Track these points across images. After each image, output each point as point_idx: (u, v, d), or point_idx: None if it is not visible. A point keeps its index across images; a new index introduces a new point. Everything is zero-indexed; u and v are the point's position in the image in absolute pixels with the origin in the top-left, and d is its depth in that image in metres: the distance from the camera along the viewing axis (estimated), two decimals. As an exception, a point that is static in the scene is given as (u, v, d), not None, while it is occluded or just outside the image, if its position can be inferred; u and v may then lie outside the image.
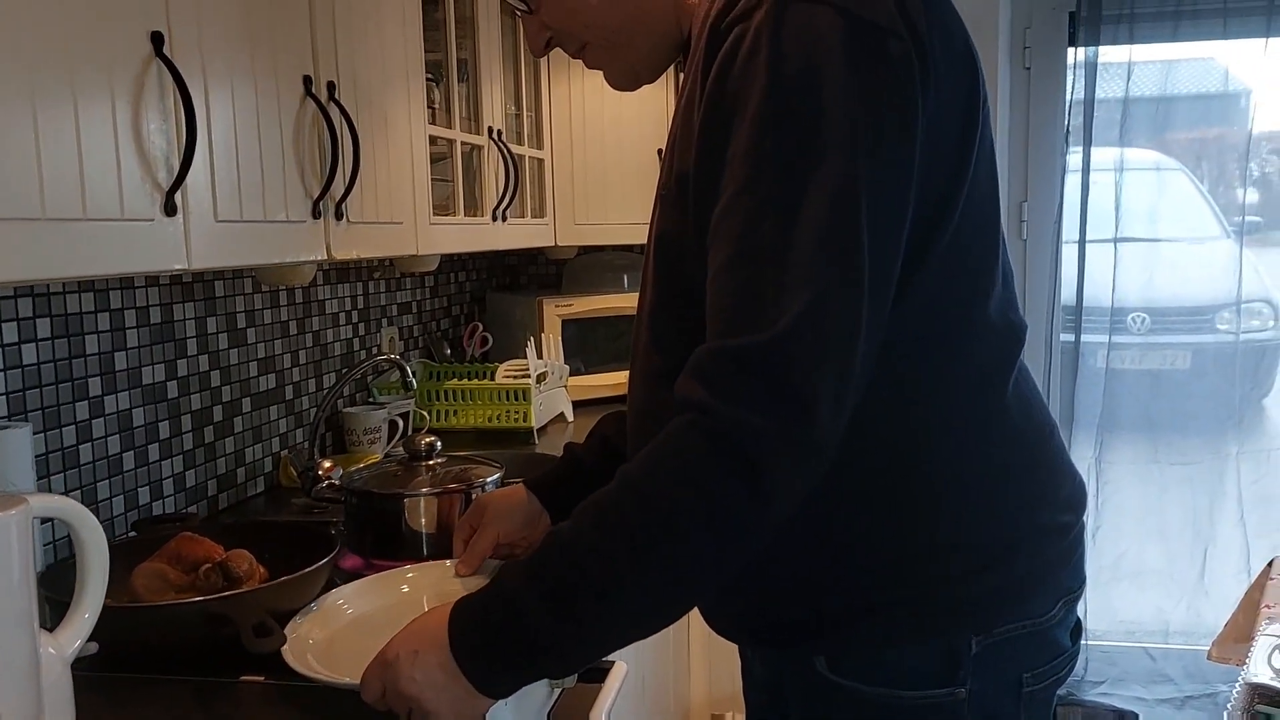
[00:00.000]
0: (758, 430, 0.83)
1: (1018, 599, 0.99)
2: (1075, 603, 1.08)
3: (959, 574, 0.97)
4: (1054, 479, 1.06)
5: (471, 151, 2.17)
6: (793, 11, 0.86)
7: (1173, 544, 3.20)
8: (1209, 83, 3.25)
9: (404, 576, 1.27)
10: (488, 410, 2.48)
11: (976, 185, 0.96)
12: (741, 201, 0.86)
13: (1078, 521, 1.08)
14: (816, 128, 0.84)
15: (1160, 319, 3.28)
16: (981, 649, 0.97)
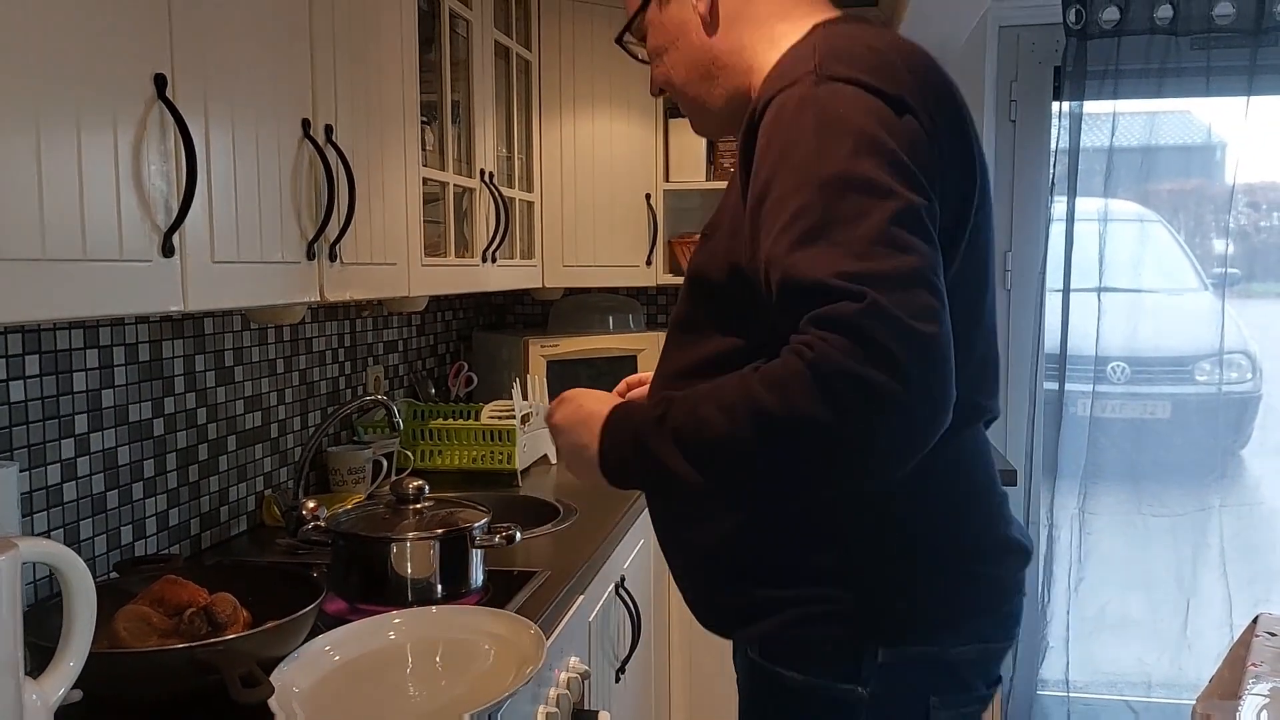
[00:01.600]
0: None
1: (927, 628, 1.12)
2: (996, 654, 1.19)
3: (877, 591, 1.11)
4: (985, 536, 1.16)
5: (464, 193, 2.18)
6: (827, 87, 1.02)
7: (1155, 595, 3.21)
8: (1190, 136, 3.31)
9: (391, 623, 1.25)
10: (472, 451, 2.47)
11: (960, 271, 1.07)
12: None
13: (1008, 578, 1.18)
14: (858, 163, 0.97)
15: (1141, 369, 3.31)
16: (888, 659, 1.12)
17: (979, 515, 1.16)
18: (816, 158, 0.98)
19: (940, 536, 1.12)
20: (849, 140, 0.99)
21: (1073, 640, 3.26)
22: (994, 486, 1.20)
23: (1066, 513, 3.25)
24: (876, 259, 0.93)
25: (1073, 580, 3.25)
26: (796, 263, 0.95)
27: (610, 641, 1.99)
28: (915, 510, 1.11)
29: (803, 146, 1.00)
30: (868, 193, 0.96)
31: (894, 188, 0.97)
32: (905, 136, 1.00)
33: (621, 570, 2.09)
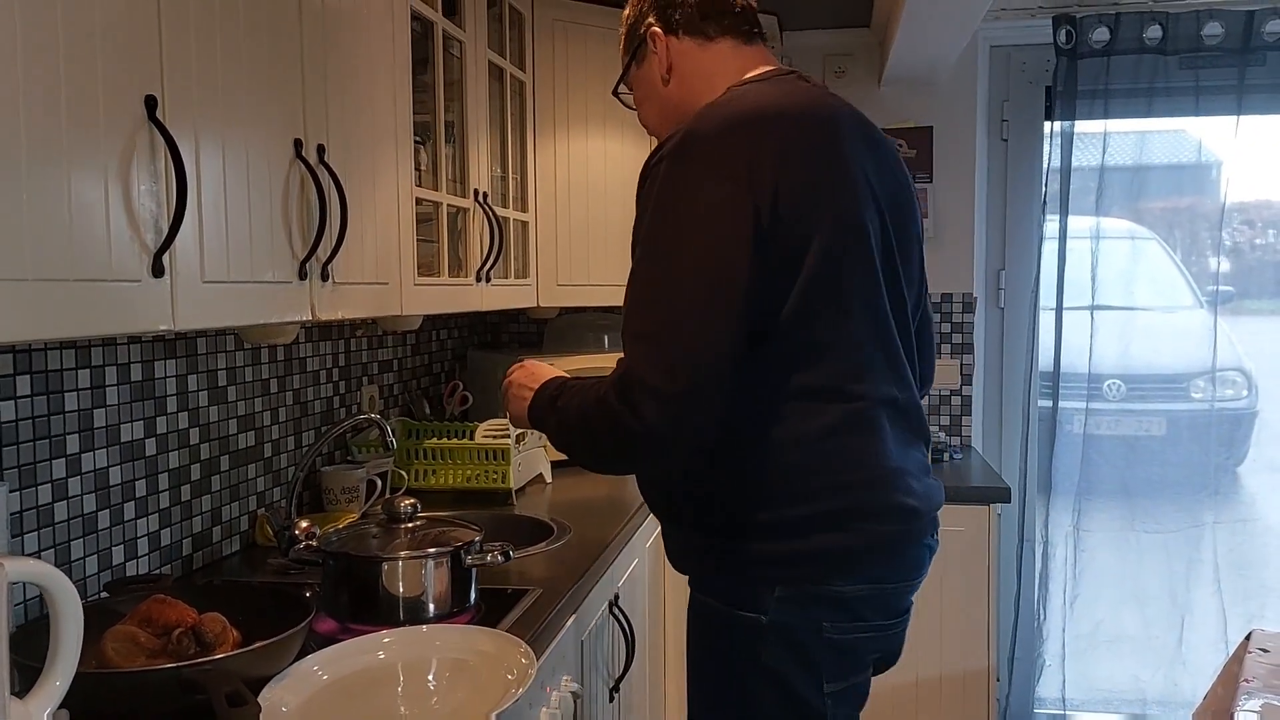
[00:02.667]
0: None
1: (816, 573, 1.40)
2: (895, 593, 1.47)
3: (774, 545, 1.40)
4: (871, 499, 1.41)
5: (457, 213, 2.19)
6: (673, 156, 1.38)
7: (1150, 612, 3.21)
8: (1182, 154, 3.33)
9: (380, 642, 1.25)
10: (466, 470, 2.47)
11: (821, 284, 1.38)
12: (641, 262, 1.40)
13: (899, 532, 1.44)
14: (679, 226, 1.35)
15: (1136, 386, 3.32)
16: (784, 594, 1.40)
17: (863, 481, 1.41)
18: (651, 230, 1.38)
19: (827, 500, 1.39)
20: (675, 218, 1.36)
21: (1068, 657, 3.25)
22: (884, 459, 1.42)
23: (1061, 530, 3.25)
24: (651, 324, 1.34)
25: (1068, 597, 3.25)
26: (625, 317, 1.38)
27: (604, 660, 1.98)
28: (807, 478, 1.39)
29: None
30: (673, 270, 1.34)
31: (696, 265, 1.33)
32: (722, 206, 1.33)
33: (615, 589, 2.09)
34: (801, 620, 1.41)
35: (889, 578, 1.45)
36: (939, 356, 3.30)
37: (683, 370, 1.29)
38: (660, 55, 1.55)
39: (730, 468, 1.41)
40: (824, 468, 1.39)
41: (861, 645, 1.45)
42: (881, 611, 1.46)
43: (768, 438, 1.38)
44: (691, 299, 1.30)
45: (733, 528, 1.42)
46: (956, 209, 3.28)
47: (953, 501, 2.70)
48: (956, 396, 3.31)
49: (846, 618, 1.42)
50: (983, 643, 2.70)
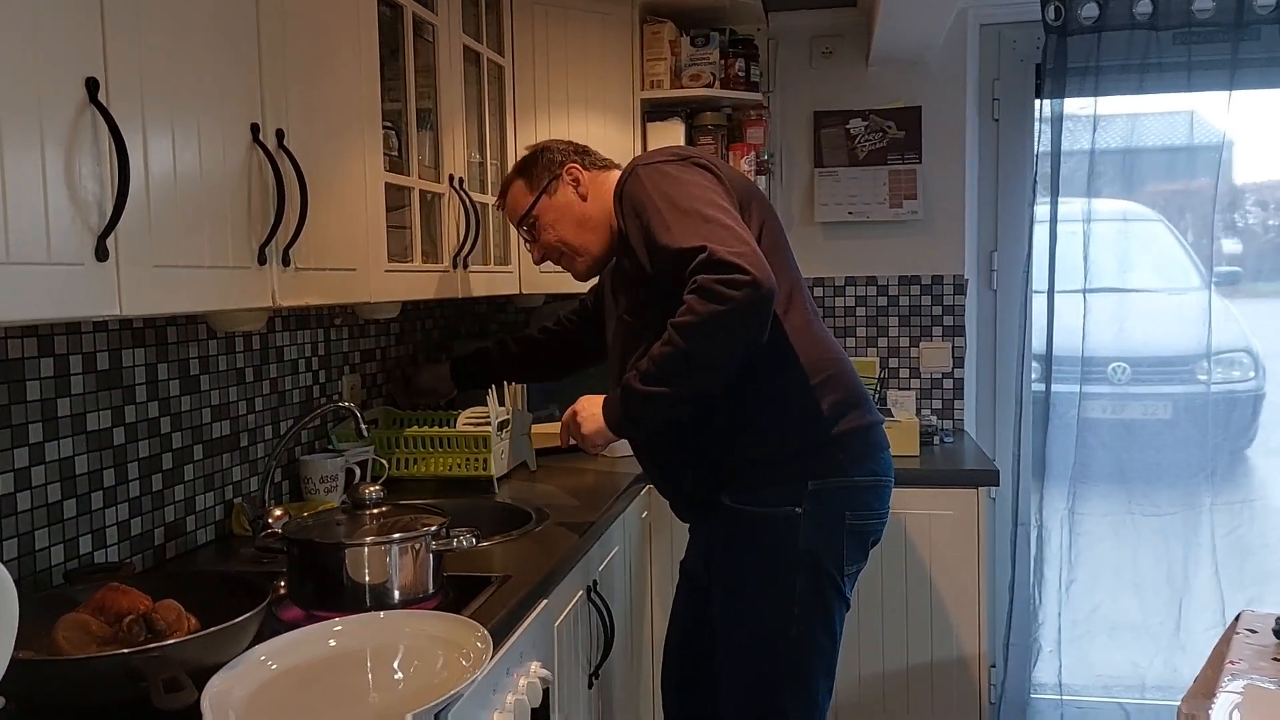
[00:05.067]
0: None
1: (836, 466, 1.85)
2: (885, 485, 1.93)
3: (800, 451, 1.85)
4: (856, 383, 1.94)
5: (432, 199, 2.17)
6: (645, 168, 1.87)
7: (1148, 596, 3.18)
8: (1187, 134, 3.28)
9: (331, 630, 1.24)
10: (449, 458, 2.46)
11: (763, 231, 1.90)
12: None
13: (878, 437, 1.93)
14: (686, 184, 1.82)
15: (1139, 369, 3.28)
16: (814, 488, 1.83)
17: (843, 366, 1.93)
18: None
19: (834, 391, 1.87)
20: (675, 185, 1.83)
21: (1065, 643, 3.23)
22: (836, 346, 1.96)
23: (1056, 514, 3.22)
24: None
25: (1064, 581, 3.22)
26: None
27: (581, 647, 1.97)
28: (815, 368, 1.87)
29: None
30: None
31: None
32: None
33: (594, 575, 2.08)
34: (829, 510, 1.83)
35: (881, 471, 1.91)
36: (929, 340, 3.28)
37: (745, 240, 1.68)
38: (582, 184, 2.03)
39: (759, 387, 1.82)
40: (821, 359, 1.86)
41: (869, 531, 1.91)
42: (879, 502, 1.91)
43: (782, 338, 1.83)
44: (720, 210, 1.75)
45: (767, 438, 1.83)
46: (947, 190, 3.25)
47: (940, 484, 2.68)
48: (949, 379, 3.28)
49: (860, 506, 1.86)
50: (974, 628, 2.67)
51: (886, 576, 2.69)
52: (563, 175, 2.02)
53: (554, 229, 2.04)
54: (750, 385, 1.82)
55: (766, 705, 1.85)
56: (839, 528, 1.84)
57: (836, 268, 3.33)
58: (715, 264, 1.64)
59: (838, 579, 1.86)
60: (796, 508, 1.82)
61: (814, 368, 1.86)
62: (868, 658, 2.73)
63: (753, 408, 1.85)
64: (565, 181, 2.02)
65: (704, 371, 1.72)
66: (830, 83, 3.28)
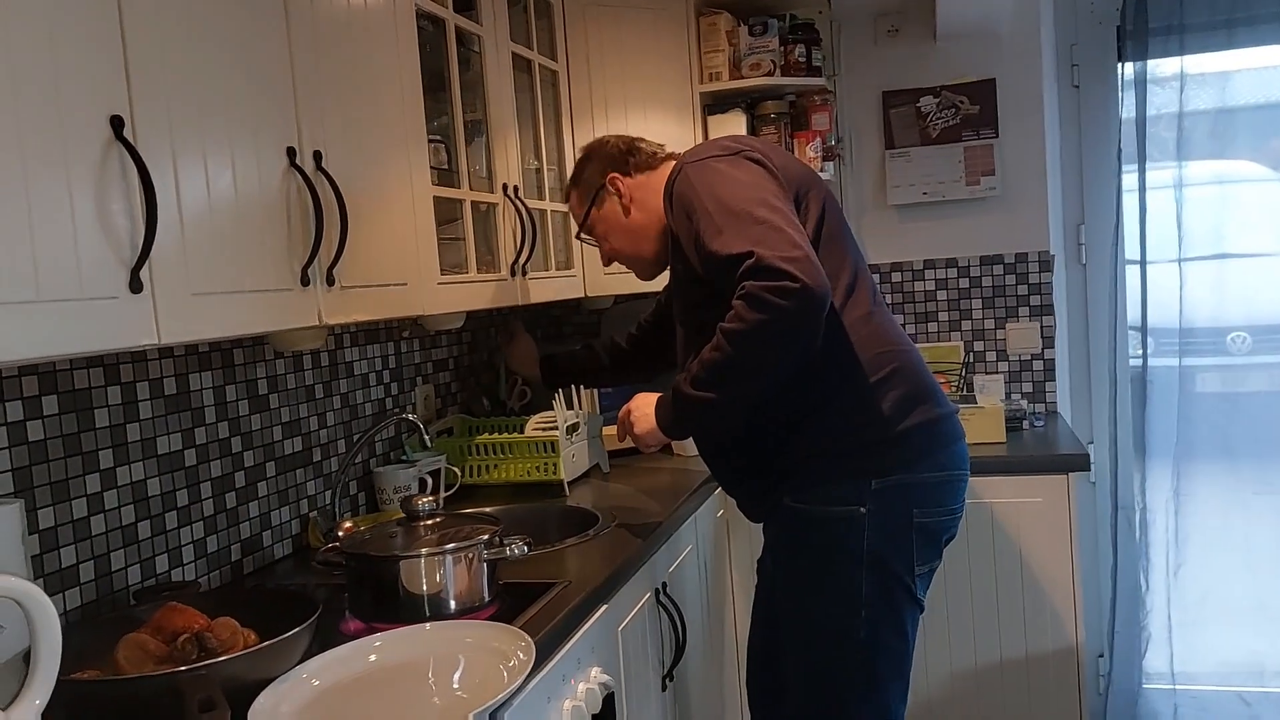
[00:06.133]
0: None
1: (900, 462, 1.78)
2: (957, 479, 1.86)
3: (861, 448, 1.79)
4: (924, 379, 1.86)
5: (487, 209, 2.18)
6: (693, 165, 1.84)
7: (1264, 579, 3.00)
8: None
9: (371, 645, 1.26)
10: (520, 464, 2.48)
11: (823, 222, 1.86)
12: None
13: (949, 430, 1.86)
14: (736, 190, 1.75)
15: (1256, 338, 3.10)
16: (878, 487, 1.77)
17: (909, 361, 1.85)
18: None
19: (898, 385, 1.80)
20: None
21: (1176, 629, 3.08)
22: (904, 338, 1.89)
23: (1161, 495, 3.07)
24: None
25: (1172, 566, 3.07)
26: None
27: (652, 650, 1.96)
28: (873, 395, 1.79)
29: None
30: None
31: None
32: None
33: (663, 577, 2.06)
34: (894, 509, 1.77)
35: (952, 465, 1.84)
36: (1015, 321, 3.16)
37: (797, 244, 1.62)
38: (625, 194, 2.01)
39: (815, 383, 1.78)
40: (883, 352, 1.80)
41: (941, 529, 1.84)
42: (951, 498, 1.84)
43: (840, 332, 1.78)
44: (771, 210, 1.68)
45: (826, 436, 1.79)
46: (1027, 164, 3.12)
47: (1027, 471, 2.58)
48: (1038, 361, 3.15)
49: (929, 503, 1.80)
50: (1070, 618, 2.57)
51: (974, 569, 2.60)
52: (607, 187, 2.03)
53: (607, 239, 2.08)
54: (806, 384, 1.77)
55: (834, 709, 1.80)
56: (906, 526, 1.78)
57: (914, 251, 3.24)
58: (764, 270, 1.60)
59: (906, 579, 1.80)
60: (860, 507, 1.76)
61: (874, 362, 1.80)
62: (958, 652, 2.65)
63: (809, 406, 1.80)
64: (609, 193, 2.04)
65: (751, 379, 1.69)
66: (898, 61, 3.19)
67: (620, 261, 2.11)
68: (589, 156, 2.10)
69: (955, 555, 2.54)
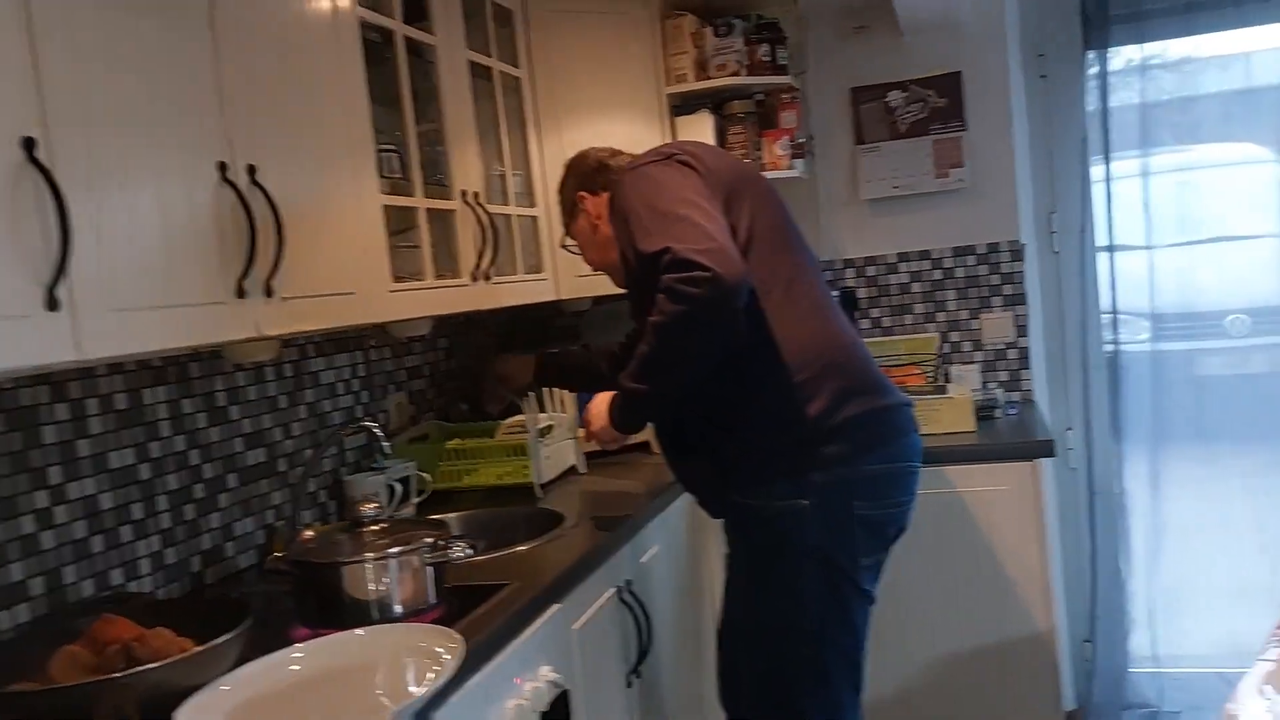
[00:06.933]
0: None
1: (839, 455, 1.79)
2: (905, 472, 1.87)
3: (798, 442, 1.80)
4: (862, 371, 1.89)
5: (446, 216, 2.20)
6: (630, 174, 1.92)
7: (1243, 560, 2.99)
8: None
9: (290, 656, 1.27)
10: (495, 469, 2.49)
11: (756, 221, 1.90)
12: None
13: (896, 421, 1.88)
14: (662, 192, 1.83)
15: (1264, 320, 3.09)
16: (819, 480, 1.79)
17: (847, 355, 1.88)
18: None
19: (833, 379, 1.82)
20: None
21: (1159, 612, 3.07)
22: (843, 332, 1.92)
23: (1138, 478, 3.07)
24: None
25: (1151, 549, 3.07)
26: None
27: (615, 648, 1.97)
28: (811, 358, 1.83)
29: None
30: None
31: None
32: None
33: (628, 574, 2.08)
34: (835, 501, 1.78)
35: (899, 458, 1.86)
36: (989, 311, 3.16)
37: (712, 236, 1.68)
38: (591, 212, 2.12)
39: (742, 381, 1.81)
40: (818, 347, 1.83)
41: (885, 521, 1.85)
42: (898, 490, 1.86)
43: (768, 330, 1.81)
44: (691, 207, 1.74)
45: (762, 433, 1.81)
46: (995, 154, 3.12)
47: (993, 459, 2.59)
48: (1013, 349, 3.15)
49: (871, 495, 1.81)
50: (1043, 604, 2.57)
51: (946, 558, 2.61)
52: (577, 204, 2.15)
53: (584, 252, 2.22)
54: (738, 380, 1.81)
55: (784, 704, 1.82)
56: (849, 519, 1.80)
57: (887, 244, 3.25)
58: (679, 263, 1.66)
59: (851, 573, 1.82)
60: (801, 500, 1.78)
61: (808, 356, 1.82)
62: (935, 642, 2.65)
63: (739, 404, 1.83)
64: (579, 211, 2.16)
65: (675, 369, 1.76)
66: (866, 57, 3.20)
67: (601, 271, 2.21)
68: (567, 173, 2.21)
69: (926, 545, 2.55)
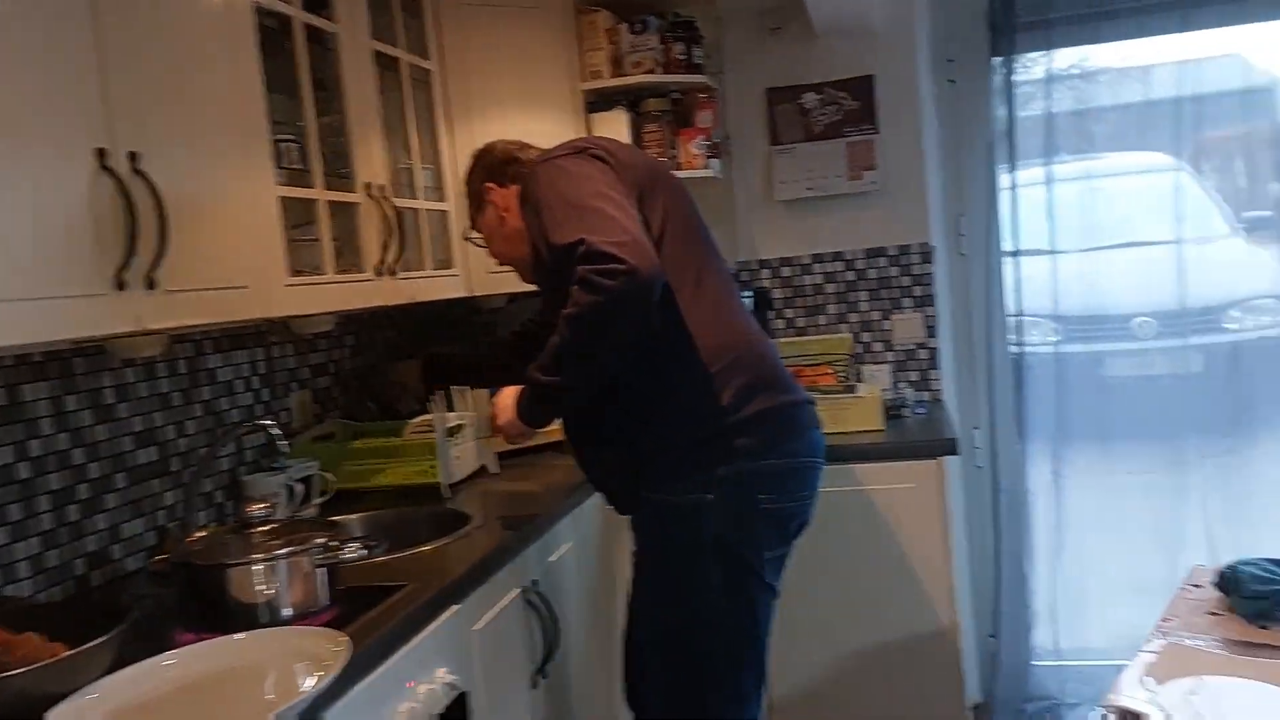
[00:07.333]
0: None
1: (745, 450, 1.81)
2: (808, 466, 1.90)
3: (706, 437, 1.82)
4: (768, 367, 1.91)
5: (349, 209, 2.16)
6: (542, 165, 1.92)
7: (1141, 555, 3.08)
8: (1237, 79, 3.12)
9: (169, 660, 1.23)
10: (402, 469, 2.45)
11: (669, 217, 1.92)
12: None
13: (800, 417, 1.91)
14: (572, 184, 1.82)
15: (1130, 324, 3.19)
16: (723, 474, 1.80)
17: (752, 351, 1.90)
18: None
19: (740, 374, 1.84)
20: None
21: (1060, 607, 3.15)
22: (749, 328, 1.95)
23: (1041, 477, 3.15)
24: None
25: (1054, 545, 3.15)
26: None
27: (520, 648, 1.95)
28: (719, 354, 1.85)
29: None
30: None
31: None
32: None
33: (535, 574, 2.06)
34: (741, 495, 1.80)
35: (802, 452, 1.89)
36: (900, 312, 3.21)
37: (626, 229, 1.69)
38: (499, 204, 2.09)
39: (657, 375, 1.82)
40: (727, 342, 1.84)
41: (788, 516, 1.87)
42: (800, 486, 1.89)
43: (681, 324, 1.82)
44: (604, 200, 1.74)
45: (671, 427, 1.82)
46: (906, 158, 3.17)
47: (898, 457, 2.63)
48: (923, 350, 3.21)
49: (775, 490, 1.83)
50: (947, 599, 2.62)
51: (851, 556, 2.64)
52: (483, 195, 2.11)
53: (490, 245, 2.17)
54: (649, 375, 1.83)
55: (689, 695, 1.82)
56: (753, 513, 1.82)
57: (802, 245, 3.28)
58: (593, 255, 1.66)
59: (756, 566, 1.84)
60: (707, 494, 1.80)
61: (716, 352, 1.84)
62: (840, 638, 2.68)
63: (654, 398, 1.84)
64: (486, 203, 2.12)
65: (589, 361, 1.75)
66: (782, 58, 3.22)
67: (507, 264, 2.18)
68: (474, 164, 2.17)
69: (833, 543, 2.58)
